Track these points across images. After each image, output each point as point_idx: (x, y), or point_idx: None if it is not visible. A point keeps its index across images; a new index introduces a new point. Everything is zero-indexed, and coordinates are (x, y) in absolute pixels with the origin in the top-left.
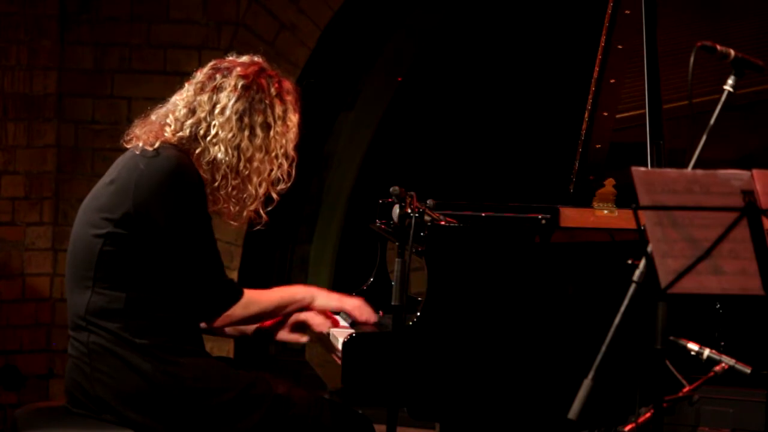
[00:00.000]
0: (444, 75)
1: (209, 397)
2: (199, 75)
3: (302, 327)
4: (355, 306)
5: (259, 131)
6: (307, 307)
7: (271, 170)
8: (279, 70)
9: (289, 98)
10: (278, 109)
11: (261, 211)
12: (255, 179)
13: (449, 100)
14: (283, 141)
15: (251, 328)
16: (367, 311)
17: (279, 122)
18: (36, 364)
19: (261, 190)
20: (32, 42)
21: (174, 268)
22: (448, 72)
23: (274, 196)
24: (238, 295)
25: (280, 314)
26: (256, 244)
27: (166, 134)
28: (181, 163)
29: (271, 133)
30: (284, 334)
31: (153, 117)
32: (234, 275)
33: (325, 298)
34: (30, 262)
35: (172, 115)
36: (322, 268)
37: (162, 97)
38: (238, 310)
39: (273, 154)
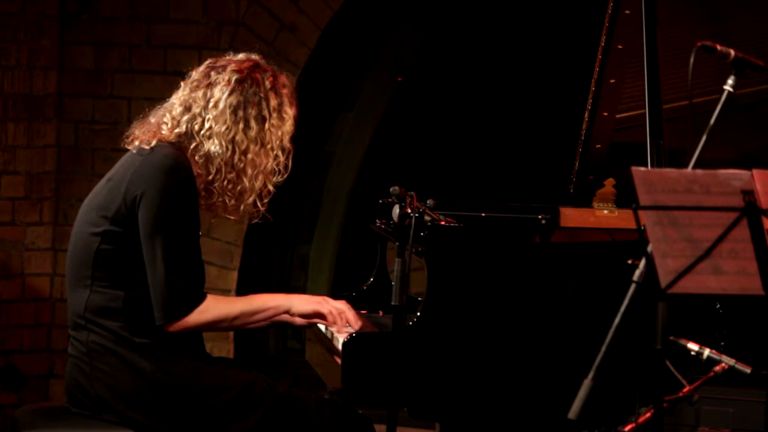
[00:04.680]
0: (444, 75)
1: (209, 397)
2: (195, 74)
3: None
4: (331, 313)
5: (253, 124)
6: (287, 313)
7: (267, 163)
8: (275, 65)
9: (284, 91)
10: (273, 102)
11: (259, 205)
12: (250, 172)
13: (449, 99)
14: (279, 133)
15: None
16: (343, 319)
17: (274, 114)
18: (36, 364)
19: (257, 183)
20: (32, 42)
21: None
22: (448, 72)
23: (271, 188)
24: (194, 303)
25: (254, 321)
26: (256, 244)
27: (163, 132)
28: (176, 160)
29: (266, 125)
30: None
31: (151, 118)
32: (234, 275)
33: (303, 305)
34: (30, 262)
35: (168, 114)
36: (322, 268)
37: (162, 97)
38: (192, 317)
39: (269, 146)
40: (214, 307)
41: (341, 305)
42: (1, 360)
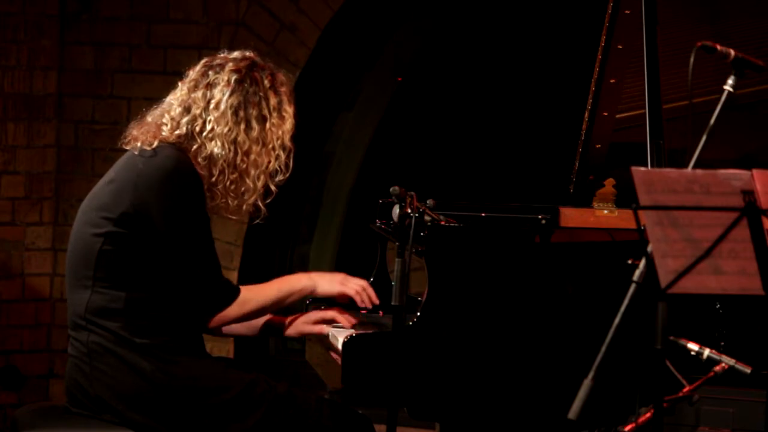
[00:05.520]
0: (444, 75)
1: (209, 397)
2: (192, 73)
3: (328, 321)
4: (358, 293)
5: (255, 124)
6: (310, 294)
7: (269, 162)
8: (271, 63)
9: (283, 89)
10: (273, 101)
11: (260, 204)
12: (253, 172)
13: (449, 99)
14: (280, 132)
15: (258, 325)
16: (366, 297)
17: (275, 114)
18: (36, 364)
19: (259, 183)
20: (32, 42)
21: (171, 267)
22: (449, 72)
23: (272, 188)
24: (233, 296)
25: (282, 306)
26: (256, 244)
27: (163, 133)
28: (179, 162)
29: (267, 125)
30: (307, 327)
31: (149, 118)
32: (234, 275)
33: (328, 285)
34: (30, 262)
35: (167, 115)
36: (322, 268)
37: (162, 98)
38: (233, 310)
39: (270, 146)
40: (250, 299)
41: (362, 281)
42: (1, 360)
